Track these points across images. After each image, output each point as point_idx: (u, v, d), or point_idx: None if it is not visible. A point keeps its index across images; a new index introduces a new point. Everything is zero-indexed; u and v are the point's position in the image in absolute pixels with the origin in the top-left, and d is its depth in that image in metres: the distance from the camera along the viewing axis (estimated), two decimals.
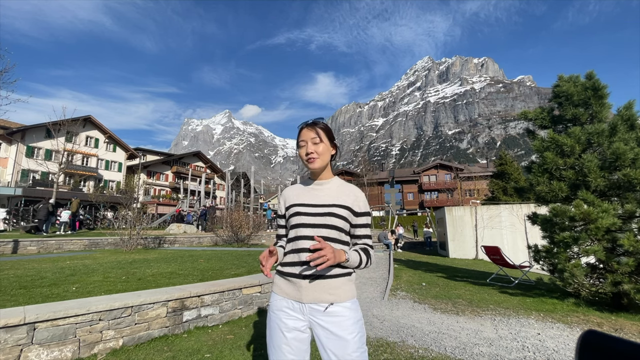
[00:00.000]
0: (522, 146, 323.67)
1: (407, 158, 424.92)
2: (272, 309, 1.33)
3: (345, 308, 1.26)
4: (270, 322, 1.32)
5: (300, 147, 1.39)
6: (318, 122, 1.41)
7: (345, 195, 1.37)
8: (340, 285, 1.28)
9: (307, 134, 1.38)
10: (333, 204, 1.34)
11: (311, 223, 1.31)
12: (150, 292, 3.38)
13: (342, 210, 1.33)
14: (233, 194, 31.64)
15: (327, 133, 1.40)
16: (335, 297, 1.26)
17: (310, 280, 1.27)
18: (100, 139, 37.60)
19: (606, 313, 4.48)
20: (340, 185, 1.42)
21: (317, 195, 1.38)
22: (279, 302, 1.32)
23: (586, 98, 5.44)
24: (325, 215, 1.31)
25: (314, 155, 1.36)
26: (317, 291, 1.26)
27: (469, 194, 42.78)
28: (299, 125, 1.43)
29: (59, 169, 18.04)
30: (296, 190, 1.44)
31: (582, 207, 4.89)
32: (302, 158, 1.40)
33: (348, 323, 1.24)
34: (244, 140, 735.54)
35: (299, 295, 1.28)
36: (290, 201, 1.41)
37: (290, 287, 1.31)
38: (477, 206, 13.93)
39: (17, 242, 9.56)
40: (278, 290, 1.34)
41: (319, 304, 1.26)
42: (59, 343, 2.53)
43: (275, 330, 1.29)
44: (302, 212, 1.34)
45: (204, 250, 10.95)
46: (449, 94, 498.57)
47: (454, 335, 3.54)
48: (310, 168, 1.38)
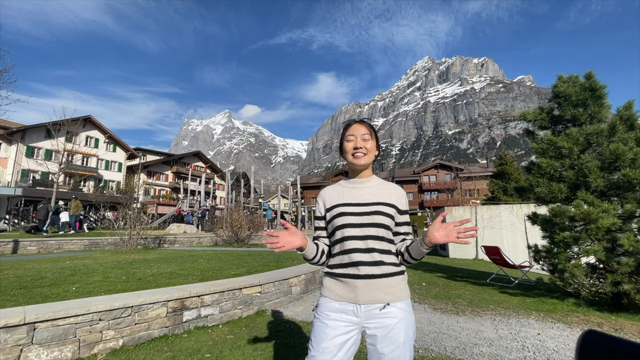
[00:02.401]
0: (522, 146, 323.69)
1: (407, 158, 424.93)
2: (322, 311, 1.28)
3: (401, 309, 1.24)
4: (319, 324, 1.26)
5: (348, 140, 1.37)
6: (367, 120, 1.42)
7: (389, 193, 1.35)
8: (396, 284, 1.27)
9: (357, 128, 1.37)
10: (379, 202, 1.32)
11: (358, 223, 1.28)
12: (150, 292, 3.38)
13: (388, 208, 1.31)
14: (233, 194, 31.64)
15: (376, 133, 1.41)
16: (392, 297, 1.24)
17: (365, 280, 1.24)
18: (100, 139, 37.60)
19: (606, 313, 4.48)
20: (383, 183, 1.40)
21: (360, 194, 1.35)
22: (329, 304, 1.27)
23: (585, 98, 5.44)
24: (372, 214, 1.28)
25: (362, 150, 1.35)
26: (374, 291, 1.23)
27: (469, 194, 42.78)
28: (346, 121, 1.42)
29: (59, 169, 18.04)
30: (336, 190, 1.40)
31: (582, 207, 4.89)
32: (346, 152, 1.38)
33: (402, 326, 1.22)
34: (244, 140, 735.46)
35: (354, 297, 1.24)
36: (332, 202, 1.36)
37: (344, 288, 1.26)
38: (477, 206, 13.93)
39: (17, 242, 9.56)
40: (329, 293, 1.29)
41: (375, 304, 1.23)
42: (59, 343, 2.53)
43: (324, 333, 1.22)
44: (347, 212, 1.30)
45: (204, 250, 10.95)
46: (449, 94, 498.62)
47: (454, 335, 3.54)
48: (356, 163, 1.35)
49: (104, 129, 37.63)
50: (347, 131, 1.39)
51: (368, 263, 1.24)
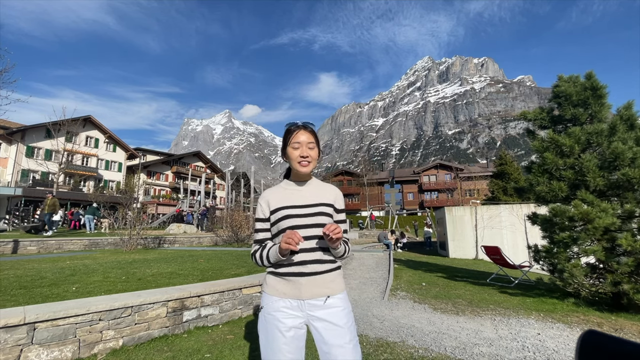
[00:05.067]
0: (522, 146, 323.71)
1: (407, 158, 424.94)
2: (268, 311, 1.33)
3: (340, 299, 1.35)
4: (266, 324, 1.32)
5: (294, 148, 1.40)
6: (312, 125, 1.44)
7: (328, 194, 1.44)
8: (334, 278, 1.37)
9: (303, 136, 1.40)
10: (320, 202, 1.40)
11: (303, 224, 1.34)
12: (150, 292, 3.38)
13: (328, 208, 1.40)
14: (233, 194, 31.64)
15: (318, 140, 1.45)
16: (332, 290, 1.34)
17: (308, 277, 1.32)
18: (100, 139, 37.59)
19: (606, 313, 4.48)
20: (321, 184, 1.48)
21: (303, 195, 1.41)
22: (275, 303, 1.33)
23: (585, 98, 5.44)
24: (315, 215, 1.36)
25: (308, 159, 1.39)
26: (316, 287, 1.32)
27: (469, 194, 42.79)
28: (289, 124, 1.44)
29: (59, 169, 18.05)
30: (278, 192, 1.44)
31: (581, 207, 4.89)
32: (291, 159, 1.41)
33: (343, 313, 1.32)
34: (244, 140, 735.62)
35: (298, 293, 1.31)
36: (276, 204, 1.40)
37: (288, 286, 1.33)
38: (477, 206, 13.93)
39: (17, 242, 9.56)
40: (273, 292, 1.35)
41: (318, 298, 1.32)
42: (59, 343, 2.53)
43: (273, 332, 1.29)
44: (293, 215, 1.35)
45: (204, 250, 10.95)
46: (449, 94, 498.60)
47: (454, 335, 3.54)
48: (302, 171, 1.40)
49: (104, 129, 37.63)
50: (292, 137, 1.40)
51: (312, 261, 1.33)
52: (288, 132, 1.42)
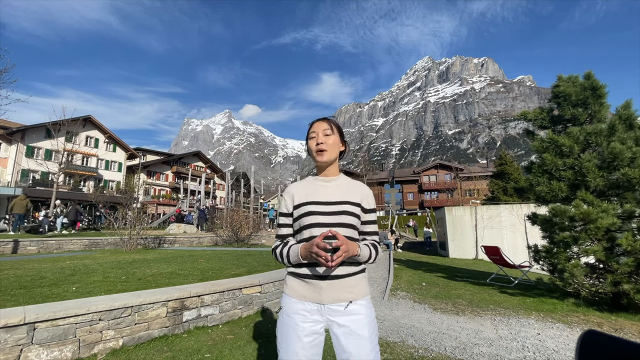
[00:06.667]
0: (522, 146, 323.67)
1: (407, 158, 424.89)
2: (287, 313, 1.28)
3: (362, 306, 1.27)
4: (284, 326, 1.27)
5: (311, 138, 1.37)
6: (331, 118, 1.43)
7: (355, 192, 1.35)
8: (357, 283, 1.29)
9: (319, 125, 1.37)
10: (345, 201, 1.31)
11: (326, 222, 1.27)
12: (150, 292, 3.38)
13: (354, 207, 1.31)
14: (233, 194, 31.65)
15: (339, 128, 1.41)
16: (354, 295, 1.26)
17: (329, 281, 1.25)
18: (100, 139, 37.58)
19: (606, 313, 4.48)
20: (349, 182, 1.40)
21: (327, 192, 1.34)
22: (294, 305, 1.27)
23: (585, 98, 5.44)
24: (339, 214, 1.28)
25: (323, 146, 1.34)
26: (337, 291, 1.25)
27: (469, 194, 42.77)
28: (311, 122, 1.42)
29: (59, 169, 18.04)
30: (303, 187, 1.38)
31: (581, 207, 4.89)
32: (311, 150, 1.38)
33: (365, 321, 1.24)
34: (244, 140, 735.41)
35: (318, 297, 1.25)
36: (299, 199, 1.34)
37: (308, 288, 1.27)
38: (477, 206, 13.93)
39: (17, 242, 9.56)
40: (293, 293, 1.29)
41: (339, 303, 1.24)
42: (59, 343, 2.53)
43: (291, 335, 1.24)
44: (315, 212, 1.29)
45: (204, 250, 10.95)
46: (449, 94, 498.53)
47: (454, 335, 3.54)
48: (319, 160, 1.35)
49: (104, 128, 37.62)
50: (310, 130, 1.39)
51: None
52: (308, 129, 1.41)
